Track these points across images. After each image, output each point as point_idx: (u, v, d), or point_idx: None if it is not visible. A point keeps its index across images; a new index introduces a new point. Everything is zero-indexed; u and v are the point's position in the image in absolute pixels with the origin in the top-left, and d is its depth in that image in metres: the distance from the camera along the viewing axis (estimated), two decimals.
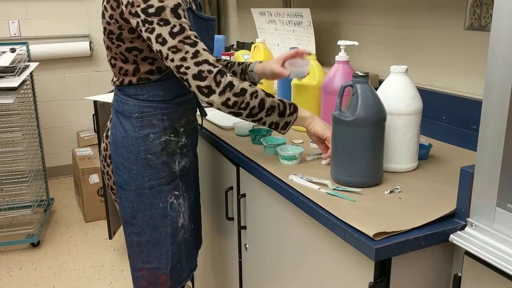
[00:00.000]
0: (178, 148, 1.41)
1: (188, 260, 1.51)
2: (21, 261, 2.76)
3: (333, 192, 1.14)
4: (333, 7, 2.27)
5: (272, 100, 1.26)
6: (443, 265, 1.03)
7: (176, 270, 1.48)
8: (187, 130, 1.43)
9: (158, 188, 1.39)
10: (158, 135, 1.36)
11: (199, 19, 1.35)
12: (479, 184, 0.92)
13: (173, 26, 1.20)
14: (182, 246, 1.47)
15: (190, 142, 1.46)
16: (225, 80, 1.22)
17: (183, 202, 1.46)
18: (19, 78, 2.66)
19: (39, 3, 3.69)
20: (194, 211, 1.56)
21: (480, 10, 1.55)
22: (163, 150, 1.38)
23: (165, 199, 1.41)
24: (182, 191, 1.45)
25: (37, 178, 3.23)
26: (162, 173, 1.39)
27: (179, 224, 1.45)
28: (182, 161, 1.43)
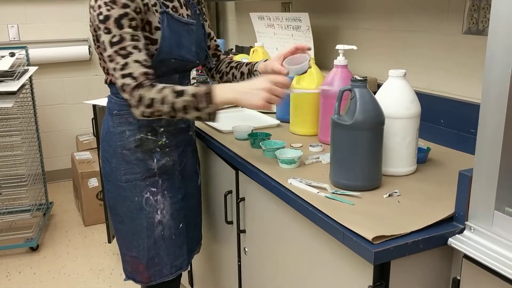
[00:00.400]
0: (158, 147, 1.48)
1: (170, 258, 1.55)
2: (20, 265, 2.76)
3: (332, 195, 1.14)
4: (331, 11, 2.28)
5: (183, 100, 1.25)
6: (442, 269, 1.03)
7: (154, 263, 1.54)
8: (169, 131, 1.49)
9: (134, 182, 1.47)
10: (133, 133, 1.45)
11: (178, 22, 1.41)
12: (477, 188, 0.93)
13: (113, 35, 1.27)
14: (160, 242, 1.52)
15: (174, 143, 1.51)
16: (137, 94, 1.26)
17: (162, 199, 1.50)
18: (18, 82, 2.67)
19: (38, 7, 3.69)
20: (181, 211, 1.57)
21: (477, 14, 1.56)
22: (138, 147, 1.46)
23: (140, 194, 1.48)
24: (161, 189, 1.50)
25: (36, 182, 3.23)
26: (137, 168, 1.47)
27: (156, 220, 1.50)
28: (162, 160, 1.49)
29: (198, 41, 1.49)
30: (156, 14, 1.35)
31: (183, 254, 1.58)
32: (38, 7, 3.70)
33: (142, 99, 1.26)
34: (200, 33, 1.51)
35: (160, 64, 1.37)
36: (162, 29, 1.35)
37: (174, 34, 1.39)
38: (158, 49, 1.35)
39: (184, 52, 1.42)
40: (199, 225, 1.71)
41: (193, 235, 1.66)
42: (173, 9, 1.41)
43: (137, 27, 1.31)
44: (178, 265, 1.58)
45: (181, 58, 1.41)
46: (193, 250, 1.68)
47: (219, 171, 1.68)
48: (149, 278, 1.55)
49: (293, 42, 2.30)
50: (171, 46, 1.38)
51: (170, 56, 1.38)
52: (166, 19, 1.36)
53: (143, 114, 1.28)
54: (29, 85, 3.11)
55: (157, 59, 1.36)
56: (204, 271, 2.00)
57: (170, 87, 1.27)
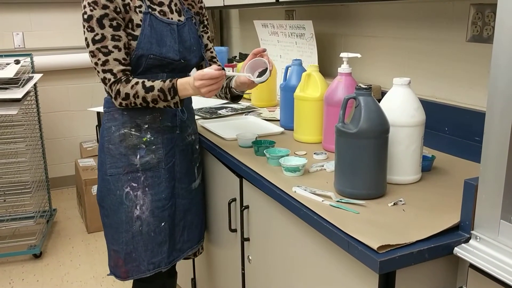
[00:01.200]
0: (143, 143, 1.55)
1: (147, 254, 1.59)
2: (23, 272, 2.76)
3: (337, 204, 1.14)
4: (335, 19, 2.28)
5: (152, 94, 1.43)
6: (447, 278, 1.02)
7: (132, 258, 1.59)
8: (154, 128, 1.55)
9: (116, 176, 1.55)
10: (117, 128, 1.55)
11: (162, 23, 1.50)
12: (483, 197, 0.92)
13: (96, 34, 1.43)
14: (138, 237, 1.58)
15: (160, 140, 1.57)
16: (116, 88, 1.45)
17: (142, 195, 1.56)
18: (23, 90, 2.68)
19: (43, 15, 3.72)
20: (166, 211, 1.60)
21: (481, 22, 1.56)
22: (121, 142, 1.54)
23: (121, 188, 1.55)
24: (142, 185, 1.56)
25: (40, 189, 3.23)
26: (120, 163, 1.55)
27: (134, 215, 1.56)
28: (146, 157, 1.55)
29: (186, 42, 1.57)
30: (139, 14, 1.47)
31: (162, 252, 1.61)
32: (43, 15, 3.72)
33: (120, 93, 1.45)
34: (190, 36, 1.58)
35: (141, 59, 1.48)
36: (142, 27, 1.46)
37: (155, 32, 1.48)
38: (137, 45, 1.46)
39: (165, 50, 1.50)
40: (196, 228, 1.73)
41: (185, 237, 1.69)
42: (160, 12, 1.52)
43: (119, 26, 1.44)
44: (156, 263, 1.61)
45: (160, 55, 1.49)
46: (184, 251, 1.70)
47: (223, 178, 1.68)
48: (127, 273, 1.60)
49: (297, 51, 2.30)
50: (151, 43, 1.47)
51: (149, 52, 1.47)
52: (148, 19, 1.48)
53: (120, 104, 1.47)
54: (34, 92, 3.12)
55: (136, 54, 1.47)
56: (208, 278, 1.99)
57: (141, 82, 1.44)
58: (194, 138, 1.71)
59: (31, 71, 3.05)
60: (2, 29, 3.63)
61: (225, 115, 2.09)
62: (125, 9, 1.45)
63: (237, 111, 2.13)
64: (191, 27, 1.60)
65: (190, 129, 1.68)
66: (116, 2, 1.43)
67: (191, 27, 1.60)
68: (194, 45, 1.60)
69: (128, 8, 1.46)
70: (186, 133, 1.65)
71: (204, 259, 1.98)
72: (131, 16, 1.46)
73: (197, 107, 2.23)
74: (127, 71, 1.47)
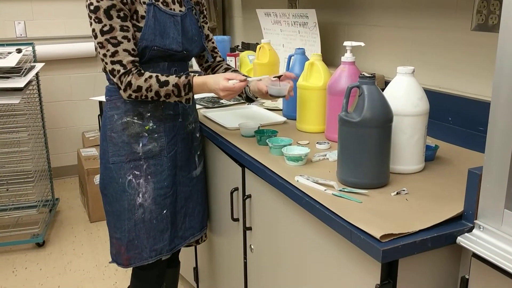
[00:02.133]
0: (145, 132, 1.56)
1: (150, 241, 1.61)
2: (26, 261, 2.77)
3: (339, 193, 1.14)
4: (338, 8, 2.26)
5: (166, 89, 1.45)
6: (450, 267, 1.02)
7: (134, 246, 1.60)
8: (157, 116, 1.56)
9: (119, 164, 1.56)
10: (120, 116, 1.55)
11: (165, 14, 1.51)
12: (487, 186, 0.92)
13: (104, 25, 1.42)
14: (141, 224, 1.59)
15: (162, 129, 1.58)
16: (126, 80, 1.44)
17: (145, 183, 1.57)
18: (25, 79, 2.67)
19: (45, 4, 3.70)
20: (167, 198, 1.61)
21: (487, 11, 1.54)
22: (124, 130, 1.55)
23: (124, 176, 1.56)
24: (144, 173, 1.57)
25: (43, 178, 3.24)
26: (122, 151, 1.56)
27: (137, 202, 1.57)
28: (148, 145, 1.56)
29: (188, 33, 1.58)
30: (144, 5, 1.47)
31: (164, 240, 1.63)
32: (45, 4, 3.70)
33: (131, 85, 1.44)
34: (192, 27, 1.59)
35: (144, 50, 1.49)
36: (146, 18, 1.47)
37: (159, 24, 1.49)
38: (141, 36, 1.47)
39: (169, 42, 1.51)
40: (198, 215, 1.75)
41: (187, 224, 1.71)
42: (163, 3, 1.52)
43: (126, 17, 1.45)
44: (158, 250, 1.62)
45: (164, 46, 1.50)
46: (186, 238, 1.71)
47: (226, 168, 1.68)
48: (129, 261, 1.62)
49: (300, 40, 2.29)
50: (154, 35, 1.48)
51: (152, 44, 1.48)
52: (152, 10, 1.48)
53: (130, 96, 1.47)
54: (36, 82, 3.12)
55: (140, 46, 1.48)
56: (210, 268, 2.00)
57: (155, 76, 1.45)
58: (194, 126, 1.71)
59: (33, 60, 3.05)
60: (4, 18, 3.62)
61: (228, 104, 2.08)
62: (131, 0, 1.45)
63: (239, 101, 2.12)
64: (192, 17, 1.61)
65: (191, 117, 1.69)
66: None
67: (192, 17, 1.61)
68: (195, 36, 1.61)
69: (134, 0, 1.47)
70: (187, 121, 1.66)
71: (206, 248, 1.99)
72: (136, 8, 1.47)
73: (198, 96, 2.22)
74: (136, 62, 1.47)
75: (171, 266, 1.91)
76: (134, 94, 1.46)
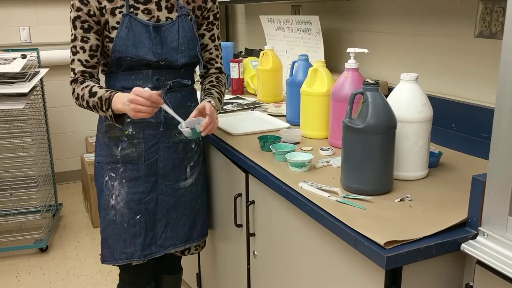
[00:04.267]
0: (125, 136, 1.57)
1: (120, 244, 1.61)
2: (29, 266, 2.77)
3: (343, 200, 1.14)
4: (342, 14, 2.27)
5: (93, 100, 1.47)
6: (454, 274, 1.02)
7: (107, 244, 1.63)
8: (135, 122, 1.56)
9: (100, 164, 1.62)
10: (104, 119, 1.59)
11: (140, 24, 1.51)
12: (491, 193, 0.92)
13: (72, 34, 1.52)
14: (112, 226, 1.61)
15: (142, 135, 1.57)
16: (72, 87, 1.53)
17: (119, 186, 1.59)
18: (29, 84, 2.69)
19: (49, 9, 3.72)
20: (142, 205, 1.60)
21: (490, 17, 1.54)
22: (106, 132, 1.60)
23: (102, 176, 1.61)
24: (120, 176, 1.59)
25: (46, 183, 3.25)
26: (103, 152, 1.61)
27: (110, 204, 1.60)
28: (127, 149, 1.58)
29: (171, 43, 1.54)
30: (117, 15, 1.49)
31: (135, 245, 1.62)
32: (49, 10, 3.72)
33: (74, 92, 1.52)
34: (179, 34, 1.54)
35: (119, 60, 1.50)
36: (119, 29, 1.49)
37: (133, 34, 1.50)
38: (112, 47, 1.49)
39: (143, 52, 1.50)
40: (183, 227, 1.69)
41: (168, 234, 1.66)
42: (144, 11, 1.52)
43: (90, 28, 1.50)
44: (128, 253, 1.62)
45: (137, 57, 1.50)
46: (166, 248, 1.67)
47: (229, 173, 1.68)
48: (103, 257, 1.65)
49: (303, 46, 2.30)
50: (126, 45, 1.49)
51: (124, 54, 1.49)
52: (127, 20, 1.49)
53: (75, 102, 1.53)
54: (40, 87, 3.13)
55: (114, 56, 1.50)
56: (213, 273, 2.00)
57: (90, 86, 1.48)
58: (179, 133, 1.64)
59: (37, 66, 3.06)
60: (9, 24, 3.64)
61: (231, 110, 2.09)
62: (100, 12, 1.49)
63: (243, 107, 2.13)
64: (185, 25, 1.55)
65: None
66: (91, 6, 1.47)
67: (185, 25, 1.55)
68: (183, 45, 1.55)
69: (104, 11, 1.49)
70: (176, 131, 1.59)
71: (209, 254, 1.99)
72: (107, 19, 1.49)
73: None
74: (86, 73, 1.53)
75: (170, 273, 1.90)
76: (76, 101, 1.52)
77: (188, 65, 1.60)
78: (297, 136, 1.59)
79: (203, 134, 1.42)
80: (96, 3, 1.48)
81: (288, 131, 1.61)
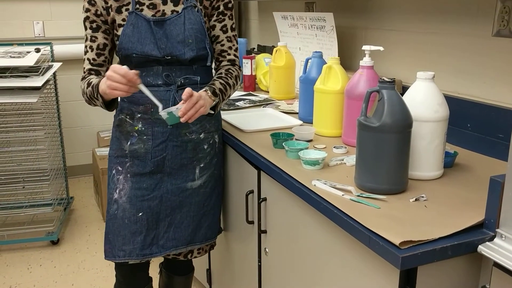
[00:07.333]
0: (135, 132, 1.58)
1: (119, 239, 1.59)
2: (41, 258, 2.80)
3: (357, 198, 1.13)
4: (356, 11, 2.25)
5: (89, 90, 1.48)
6: (470, 276, 1.01)
7: (108, 239, 1.62)
8: (145, 118, 1.57)
9: (111, 157, 1.64)
10: (117, 113, 1.62)
11: (144, 20, 1.51)
12: (509, 194, 0.90)
13: (84, 35, 1.56)
14: (114, 220, 1.60)
15: (151, 132, 1.57)
16: (80, 85, 1.55)
17: (123, 180, 1.59)
18: (42, 78, 2.70)
19: (63, 4, 3.74)
20: (145, 202, 1.57)
21: (508, 16, 1.52)
22: (118, 126, 1.61)
23: (111, 169, 1.63)
24: (126, 171, 1.59)
25: (58, 177, 3.27)
26: (114, 145, 1.63)
27: (113, 197, 1.60)
28: (135, 145, 1.58)
29: (177, 36, 1.50)
30: (124, 13, 1.51)
31: (135, 243, 1.58)
32: (63, 4, 3.74)
33: (81, 89, 1.54)
34: (186, 27, 1.51)
35: (127, 58, 1.51)
36: (124, 27, 1.50)
37: (138, 30, 1.50)
38: (119, 44, 1.51)
39: (148, 48, 1.50)
40: (187, 228, 1.65)
41: (171, 235, 1.62)
42: (149, 6, 1.51)
43: (98, 28, 1.53)
44: (126, 251, 1.58)
45: (143, 53, 1.50)
46: (168, 249, 1.63)
47: (241, 170, 1.68)
48: (105, 253, 1.63)
49: (317, 43, 2.28)
50: (131, 42, 1.50)
51: (131, 51, 1.50)
52: (133, 18, 1.50)
53: (85, 100, 1.54)
54: (53, 81, 3.15)
55: (122, 54, 1.52)
56: (223, 270, 2.00)
57: (89, 79, 1.50)
58: (202, 137, 1.62)
59: (50, 60, 3.08)
60: (23, 18, 3.66)
61: (243, 107, 2.08)
62: (106, 12, 1.51)
63: (255, 103, 2.12)
64: (192, 17, 1.52)
65: (194, 126, 1.59)
66: (97, 6, 1.50)
67: (192, 17, 1.52)
68: (190, 37, 1.51)
69: (110, 10, 1.51)
70: (186, 129, 1.58)
71: (220, 250, 1.99)
72: (113, 17, 1.51)
73: None
74: (92, 71, 1.55)
75: (182, 274, 1.88)
76: (84, 97, 1.54)
77: (197, 59, 1.55)
78: (310, 134, 1.58)
79: (183, 120, 1.37)
80: (102, 3, 1.50)
81: (301, 129, 1.60)
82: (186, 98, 1.36)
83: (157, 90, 1.52)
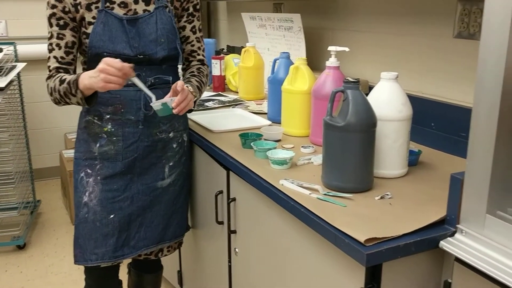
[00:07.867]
0: (104, 133, 1.55)
1: (91, 243, 1.56)
2: (7, 264, 2.72)
3: (324, 197, 1.14)
4: (323, 13, 2.28)
5: (63, 87, 1.44)
6: (433, 271, 1.03)
7: (78, 244, 1.59)
8: (115, 119, 1.54)
9: (78, 160, 1.60)
10: (84, 114, 1.59)
11: (116, 19, 1.49)
12: (469, 191, 0.93)
13: (48, 31, 1.51)
14: (84, 224, 1.57)
15: (121, 133, 1.55)
16: (47, 83, 1.51)
17: (93, 183, 1.56)
18: (6, 78, 2.63)
19: (27, 2, 3.65)
20: (116, 203, 1.56)
21: (468, 18, 1.57)
22: (85, 128, 1.58)
23: (78, 172, 1.59)
24: (95, 173, 1.56)
25: (24, 180, 3.19)
26: (81, 148, 1.59)
27: (83, 200, 1.57)
28: (105, 147, 1.55)
29: (149, 36, 1.51)
30: (93, 10, 1.48)
31: (107, 245, 1.56)
32: (27, 3, 3.65)
33: (48, 88, 1.50)
34: (157, 26, 1.52)
35: (97, 56, 1.46)
36: (94, 25, 1.47)
37: (109, 29, 1.48)
38: (89, 43, 1.48)
39: (120, 47, 1.48)
40: (157, 228, 1.64)
41: (141, 235, 1.62)
42: (120, 4, 1.50)
43: (65, 25, 1.49)
44: (99, 254, 1.56)
45: (115, 52, 1.48)
46: (139, 249, 1.62)
47: (210, 170, 1.68)
48: (76, 258, 1.60)
49: (285, 44, 2.30)
50: (102, 41, 1.48)
51: (102, 50, 1.48)
52: (103, 16, 1.48)
53: (52, 99, 1.50)
54: (17, 82, 3.07)
55: (92, 52, 1.49)
56: (194, 271, 1.99)
57: (61, 76, 1.46)
58: (171, 136, 1.63)
59: (14, 60, 3.01)
60: None
61: (213, 107, 2.08)
62: (75, 8, 1.47)
63: (224, 104, 2.13)
64: (163, 17, 1.53)
65: (165, 126, 1.60)
66: (65, 2, 1.46)
67: (163, 17, 1.53)
68: (162, 37, 1.53)
69: (79, 7, 1.47)
70: (156, 129, 1.58)
71: (191, 251, 1.98)
72: (82, 15, 1.48)
73: None
74: (61, 69, 1.51)
75: (150, 272, 1.87)
76: (51, 96, 1.49)
77: (168, 59, 1.56)
78: (279, 134, 1.59)
79: (175, 111, 1.39)
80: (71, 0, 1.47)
81: (270, 129, 1.61)
82: (180, 90, 1.38)
83: (127, 90, 1.50)
